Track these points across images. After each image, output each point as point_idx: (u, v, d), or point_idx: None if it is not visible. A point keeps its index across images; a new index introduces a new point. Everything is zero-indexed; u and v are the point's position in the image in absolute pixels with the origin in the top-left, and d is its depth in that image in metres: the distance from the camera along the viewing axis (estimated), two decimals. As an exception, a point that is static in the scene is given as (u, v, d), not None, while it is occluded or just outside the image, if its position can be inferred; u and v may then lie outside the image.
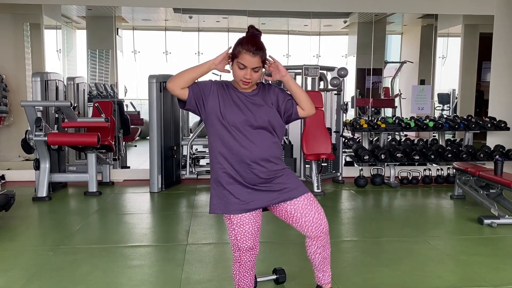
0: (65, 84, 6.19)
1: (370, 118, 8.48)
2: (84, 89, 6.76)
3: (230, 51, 2.11)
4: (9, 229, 4.02)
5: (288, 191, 2.20)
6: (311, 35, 8.15)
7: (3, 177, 6.02)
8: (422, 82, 7.94)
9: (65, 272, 3.07)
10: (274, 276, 2.90)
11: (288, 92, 2.25)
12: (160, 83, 5.49)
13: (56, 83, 5.52)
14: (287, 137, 5.84)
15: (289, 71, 5.57)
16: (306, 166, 5.79)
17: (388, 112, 8.76)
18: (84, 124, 5.33)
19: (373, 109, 9.08)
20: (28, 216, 4.50)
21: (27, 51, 7.16)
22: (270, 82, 2.35)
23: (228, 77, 2.27)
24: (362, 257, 3.44)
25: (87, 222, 4.27)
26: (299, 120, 5.57)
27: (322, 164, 5.32)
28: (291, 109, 2.20)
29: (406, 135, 7.94)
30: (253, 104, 2.15)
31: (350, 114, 9.14)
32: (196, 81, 2.16)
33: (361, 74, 9.01)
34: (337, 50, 9.07)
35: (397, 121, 6.41)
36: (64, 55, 8.51)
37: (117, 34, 8.42)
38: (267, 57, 2.12)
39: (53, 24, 7.60)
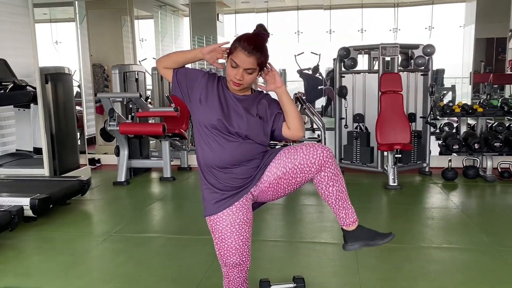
0: (149, 74, 6.50)
1: (486, 97, 7.47)
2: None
3: (228, 45, 1.91)
4: (73, 212, 4.37)
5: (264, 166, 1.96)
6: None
7: (98, 160, 6.60)
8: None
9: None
10: (293, 285, 2.68)
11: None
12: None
13: (135, 74, 5.81)
14: (363, 123, 5.37)
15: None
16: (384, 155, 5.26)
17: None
18: (155, 113, 5.54)
19: (495, 86, 8.01)
20: (99, 200, 4.81)
21: (127, 40, 7.68)
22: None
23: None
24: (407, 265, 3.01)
25: (146, 210, 4.44)
26: (376, 104, 5.09)
27: (396, 156, 4.80)
28: (276, 123, 1.95)
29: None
30: (237, 109, 1.92)
31: (466, 93, 8.15)
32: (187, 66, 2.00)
33: (481, 45, 8.06)
34: (452, 20, 8.23)
35: (502, 105, 5.46)
36: (172, 42, 9.03)
37: (218, 19, 8.62)
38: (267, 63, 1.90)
39: (148, 14, 8.05)
